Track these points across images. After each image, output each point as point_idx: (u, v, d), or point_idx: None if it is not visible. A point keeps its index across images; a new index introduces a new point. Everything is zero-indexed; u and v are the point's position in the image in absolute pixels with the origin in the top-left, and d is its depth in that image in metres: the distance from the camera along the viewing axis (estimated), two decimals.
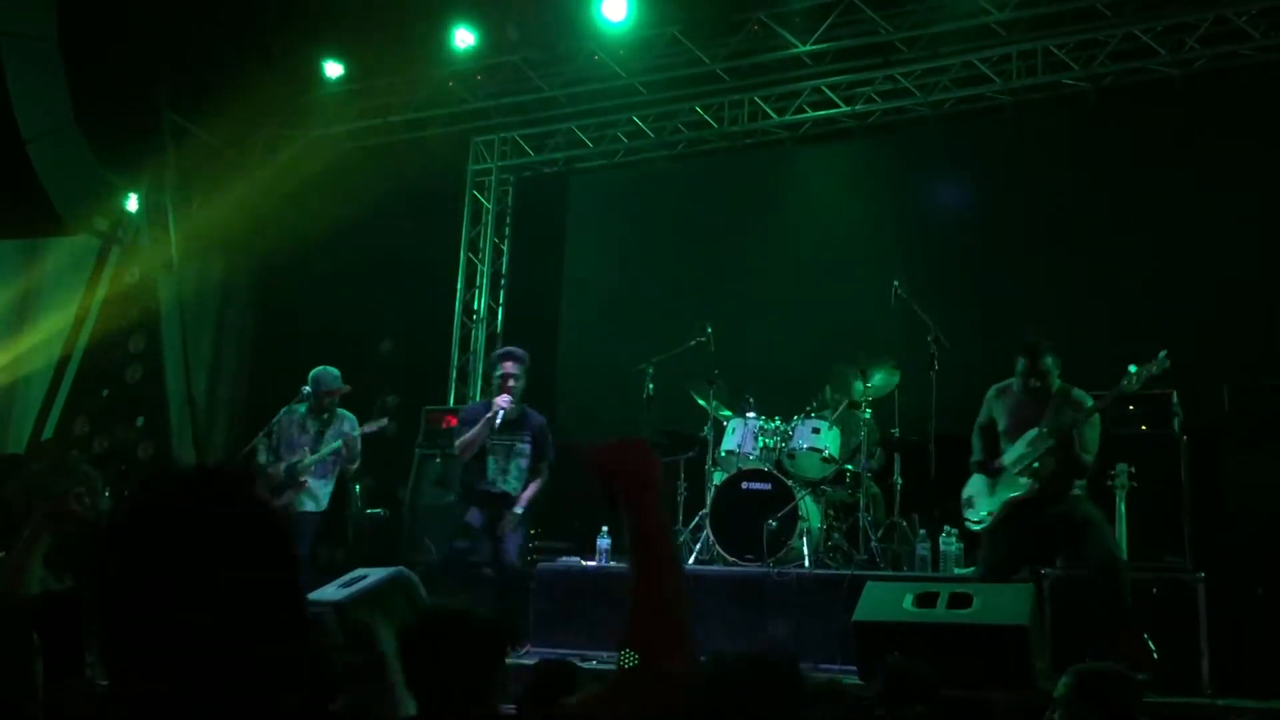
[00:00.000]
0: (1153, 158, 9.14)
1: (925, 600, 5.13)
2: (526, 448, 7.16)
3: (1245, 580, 6.39)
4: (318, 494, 7.53)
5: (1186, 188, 8.90)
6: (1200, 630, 5.98)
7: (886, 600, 5.27)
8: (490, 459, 7.13)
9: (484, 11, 10.50)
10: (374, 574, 6.67)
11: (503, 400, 6.99)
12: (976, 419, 6.38)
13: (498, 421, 6.98)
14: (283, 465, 7.49)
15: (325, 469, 7.57)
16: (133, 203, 10.94)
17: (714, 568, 7.39)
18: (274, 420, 7.78)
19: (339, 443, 7.54)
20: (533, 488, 7.19)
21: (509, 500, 7.12)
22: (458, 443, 7.17)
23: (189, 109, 11.06)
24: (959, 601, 5.06)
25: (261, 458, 7.61)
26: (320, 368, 7.78)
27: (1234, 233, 8.64)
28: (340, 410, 7.74)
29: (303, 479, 7.40)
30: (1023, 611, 4.91)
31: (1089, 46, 9.27)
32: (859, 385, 8.01)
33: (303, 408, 7.68)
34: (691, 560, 7.59)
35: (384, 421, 7.90)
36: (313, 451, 7.50)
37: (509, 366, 7.09)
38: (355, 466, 7.80)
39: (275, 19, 10.09)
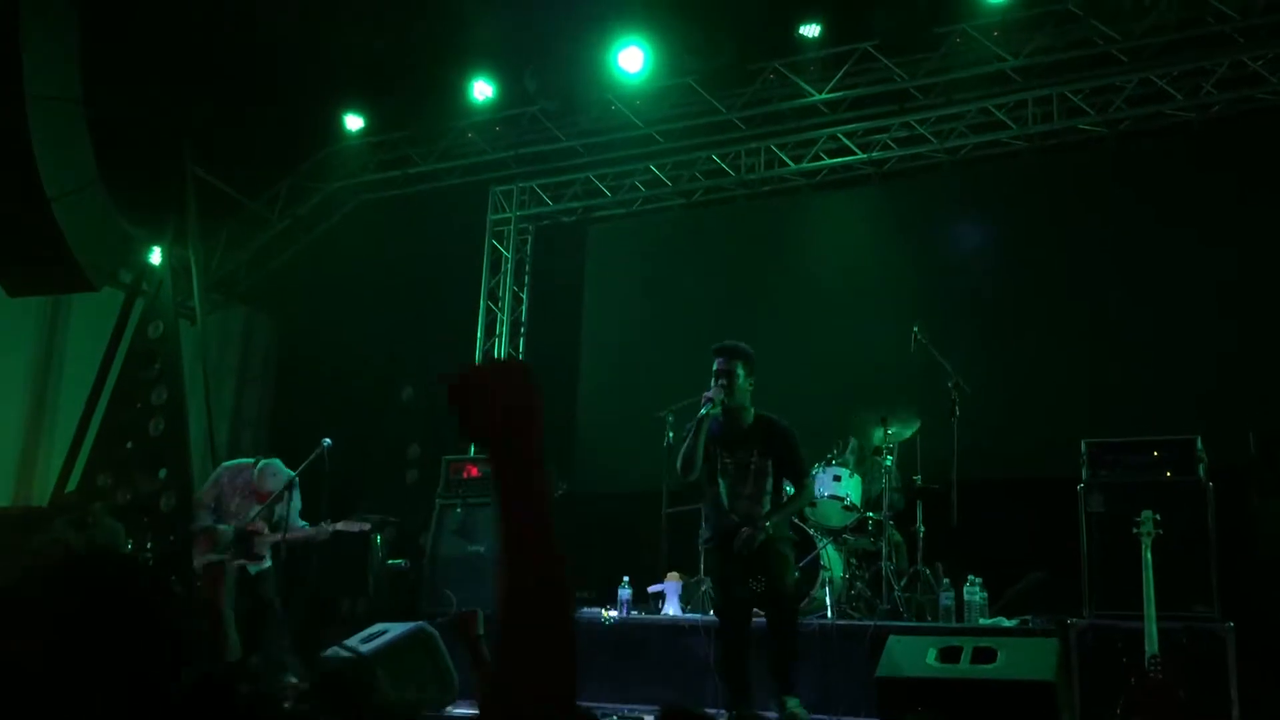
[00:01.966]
0: (1172, 201, 9.12)
1: (949, 655, 5.08)
2: (766, 464, 5.95)
3: (1275, 629, 6.30)
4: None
5: (1206, 231, 8.88)
6: (1230, 680, 5.90)
7: (910, 655, 5.22)
8: (721, 482, 5.99)
9: (502, 63, 10.64)
10: (394, 629, 6.71)
11: (707, 394, 5.91)
12: None
13: (700, 411, 5.89)
14: (231, 531, 7.34)
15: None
16: (156, 256, 11.05)
17: None
18: (216, 474, 7.71)
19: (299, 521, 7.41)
20: (787, 504, 6.06)
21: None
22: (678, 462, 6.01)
23: (211, 162, 11.21)
24: (983, 656, 5.01)
25: (206, 521, 7.45)
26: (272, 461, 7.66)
27: (1256, 275, 8.60)
28: (276, 463, 7.50)
29: (259, 551, 7.30)
30: (1049, 666, 4.85)
31: (1105, 92, 9.30)
32: (879, 432, 7.98)
33: (249, 461, 7.61)
34: (713, 612, 7.53)
35: (365, 524, 7.72)
36: (268, 523, 7.37)
37: (716, 362, 6.07)
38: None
39: (296, 73, 10.23)
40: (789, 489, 6.21)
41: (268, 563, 7.47)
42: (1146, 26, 8.79)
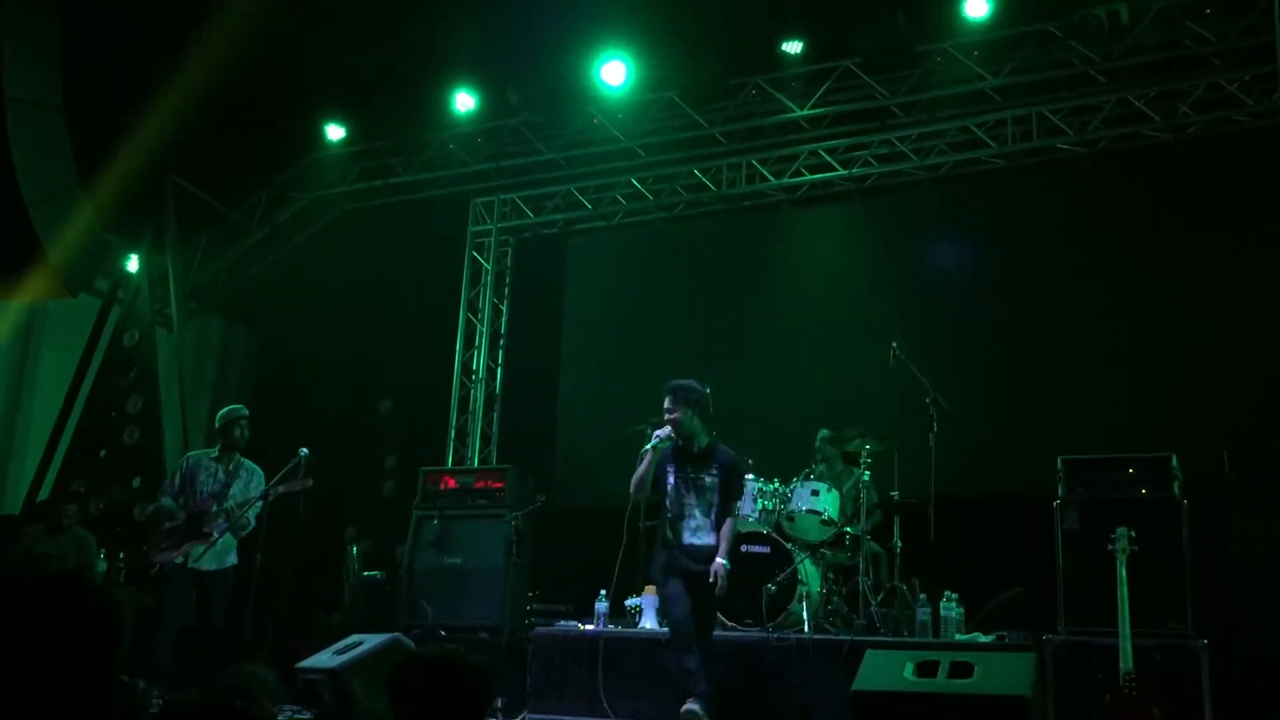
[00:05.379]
0: (1148, 220, 9.21)
1: (926, 669, 5.08)
2: (714, 481, 6.45)
3: (1249, 646, 6.33)
4: (221, 552, 7.02)
5: (1183, 250, 8.98)
6: (1204, 697, 5.92)
7: (887, 669, 5.22)
8: (671, 494, 6.51)
9: (484, 75, 10.65)
10: (369, 640, 6.66)
11: (658, 432, 6.46)
12: None
13: (645, 451, 6.45)
14: (184, 514, 7.07)
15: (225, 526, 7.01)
16: (133, 263, 11.00)
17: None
18: (180, 462, 7.46)
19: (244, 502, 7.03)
20: (726, 530, 6.41)
21: (696, 548, 6.39)
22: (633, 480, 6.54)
23: (191, 170, 11.17)
24: (960, 671, 5.01)
25: (166, 503, 7.18)
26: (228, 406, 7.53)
27: (1232, 294, 8.68)
28: (248, 463, 7.31)
29: (208, 529, 6.95)
30: (1024, 681, 4.86)
31: (1083, 112, 9.39)
32: (857, 443, 8.00)
33: (214, 451, 7.34)
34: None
35: (308, 483, 7.01)
36: (217, 500, 7.04)
37: (665, 401, 6.52)
38: (243, 533, 7.12)
39: (278, 82, 10.21)
40: None
41: (226, 560, 7.13)
42: (1124, 48, 8.87)
